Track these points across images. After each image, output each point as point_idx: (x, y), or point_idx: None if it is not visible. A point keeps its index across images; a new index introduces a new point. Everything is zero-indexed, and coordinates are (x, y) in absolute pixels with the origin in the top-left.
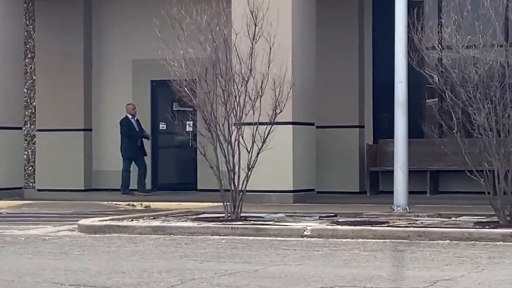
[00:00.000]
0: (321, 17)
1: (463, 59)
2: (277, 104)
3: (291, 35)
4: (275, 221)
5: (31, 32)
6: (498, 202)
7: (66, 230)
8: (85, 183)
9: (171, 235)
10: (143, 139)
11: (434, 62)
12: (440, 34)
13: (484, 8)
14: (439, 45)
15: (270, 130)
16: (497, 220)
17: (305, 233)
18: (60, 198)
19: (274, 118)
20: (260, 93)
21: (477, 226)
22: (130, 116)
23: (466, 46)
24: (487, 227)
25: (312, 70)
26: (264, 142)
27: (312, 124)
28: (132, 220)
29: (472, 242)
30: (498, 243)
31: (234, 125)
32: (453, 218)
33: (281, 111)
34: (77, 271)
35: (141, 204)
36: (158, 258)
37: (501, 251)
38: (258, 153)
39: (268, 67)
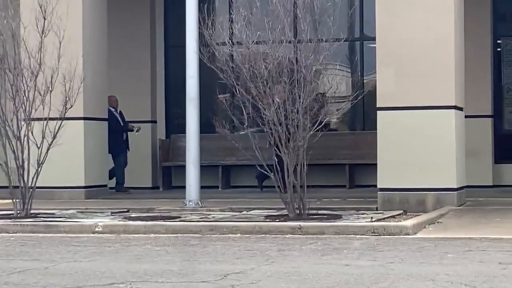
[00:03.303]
0: (113, 11)
1: (253, 55)
2: (67, 99)
3: (81, 29)
4: (66, 218)
5: None
6: (287, 195)
7: None
8: None
9: None
10: (129, 132)
11: (225, 58)
12: (230, 29)
13: (273, 5)
14: (230, 40)
15: (60, 125)
16: (287, 213)
17: (97, 229)
18: None
19: (65, 113)
20: (50, 88)
21: (268, 220)
22: (112, 109)
23: (256, 42)
24: (277, 220)
25: (103, 65)
26: (54, 137)
27: (104, 119)
28: None
29: (263, 235)
30: (287, 235)
31: (23, 120)
32: (244, 212)
33: (71, 106)
34: None
35: None
36: None
37: (290, 243)
38: (48, 149)
39: (58, 61)
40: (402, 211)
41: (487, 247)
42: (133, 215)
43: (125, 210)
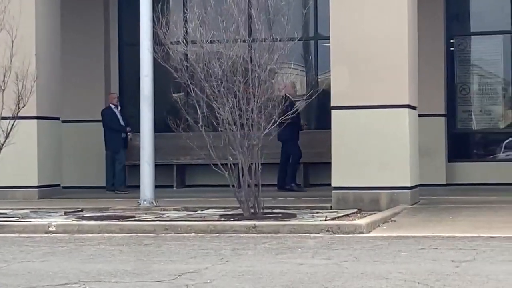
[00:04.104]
0: (66, 10)
1: (207, 54)
2: (20, 98)
3: (34, 27)
4: (19, 218)
5: None
6: (242, 194)
7: None
8: None
9: None
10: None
11: (179, 57)
12: (184, 28)
13: (227, 4)
14: (184, 39)
15: (13, 124)
16: (242, 212)
17: (50, 229)
18: None
19: (18, 113)
20: (2, 87)
21: (222, 219)
22: (113, 106)
23: (210, 41)
24: (232, 219)
25: (57, 64)
26: (7, 137)
27: (58, 118)
28: None
29: (217, 234)
30: (242, 235)
31: None
32: (199, 211)
33: (24, 105)
34: None
35: None
36: None
37: (244, 242)
38: (0, 148)
39: (11, 60)
40: (356, 209)
41: (440, 245)
42: (87, 214)
43: (78, 209)
